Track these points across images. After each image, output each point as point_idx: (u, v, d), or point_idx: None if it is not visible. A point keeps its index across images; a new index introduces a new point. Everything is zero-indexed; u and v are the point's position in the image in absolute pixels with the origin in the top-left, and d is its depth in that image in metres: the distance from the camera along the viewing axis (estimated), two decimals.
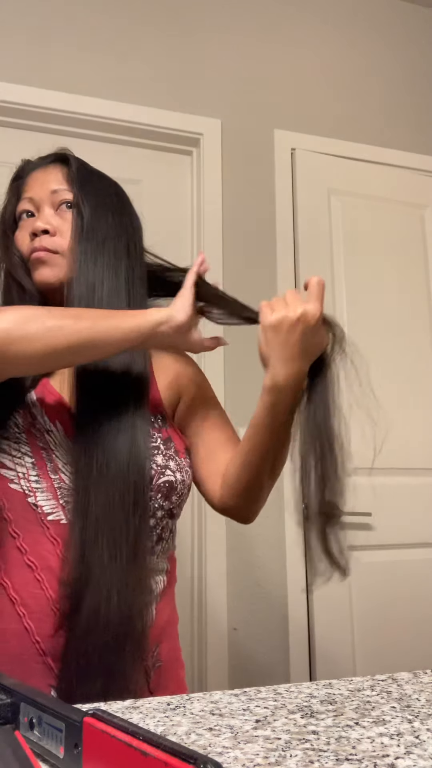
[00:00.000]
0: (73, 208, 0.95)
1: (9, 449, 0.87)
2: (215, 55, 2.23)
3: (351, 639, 1.93)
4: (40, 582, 0.85)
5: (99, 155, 2.21)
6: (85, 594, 0.80)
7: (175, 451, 0.94)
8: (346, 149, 2.31)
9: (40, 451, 0.88)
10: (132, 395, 0.90)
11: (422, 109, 2.49)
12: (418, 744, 0.49)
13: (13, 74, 1.99)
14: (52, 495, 0.87)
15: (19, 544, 0.86)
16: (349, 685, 0.66)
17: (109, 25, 2.12)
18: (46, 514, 0.86)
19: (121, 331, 0.83)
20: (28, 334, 0.79)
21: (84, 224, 0.93)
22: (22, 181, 1.01)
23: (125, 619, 0.81)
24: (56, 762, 0.46)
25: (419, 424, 2.16)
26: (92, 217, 0.94)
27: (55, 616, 0.83)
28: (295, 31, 2.35)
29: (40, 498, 0.87)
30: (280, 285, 2.10)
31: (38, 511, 0.86)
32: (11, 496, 0.87)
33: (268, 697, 0.62)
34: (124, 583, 0.81)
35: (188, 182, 2.19)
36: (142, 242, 1.00)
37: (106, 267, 0.93)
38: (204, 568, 1.88)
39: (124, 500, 0.84)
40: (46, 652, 0.83)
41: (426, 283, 2.30)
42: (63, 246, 0.93)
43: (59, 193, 0.96)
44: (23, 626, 0.84)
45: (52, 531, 0.86)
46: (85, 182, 0.97)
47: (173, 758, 0.37)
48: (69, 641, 0.81)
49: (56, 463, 0.88)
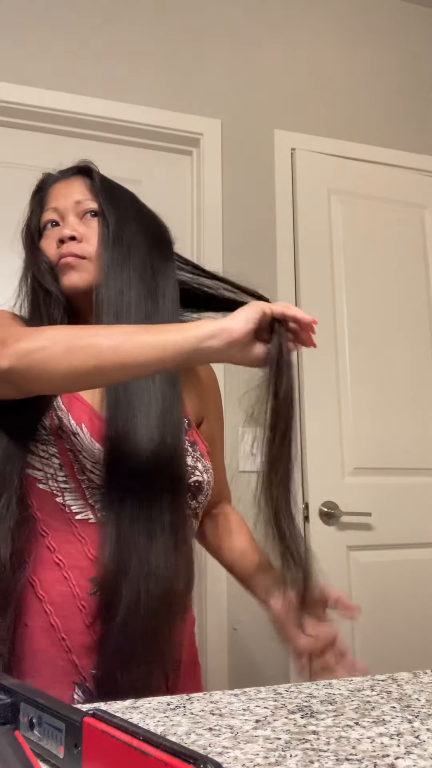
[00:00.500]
0: (98, 217, 0.98)
1: (37, 450, 0.89)
2: (215, 55, 2.23)
3: (351, 639, 1.92)
4: (68, 580, 0.86)
5: (99, 155, 2.21)
6: (122, 584, 0.81)
7: (201, 453, 0.97)
8: (346, 149, 2.31)
9: (67, 453, 0.89)
10: (164, 396, 0.91)
11: (422, 109, 2.49)
12: (418, 744, 0.49)
13: (13, 74, 1.99)
14: (81, 495, 0.88)
15: (48, 543, 0.88)
16: (349, 685, 0.66)
17: (109, 26, 2.12)
18: (74, 514, 0.88)
19: (155, 349, 0.79)
20: (53, 355, 0.78)
21: (110, 232, 0.96)
22: (44, 193, 1.04)
23: (164, 607, 0.83)
24: (56, 762, 0.46)
25: (419, 424, 2.16)
26: (117, 225, 0.97)
27: (82, 613, 0.84)
28: (295, 32, 2.35)
29: (69, 498, 0.88)
30: (280, 285, 2.10)
31: (66, 510, 0.88)
32: (40, 495, 0.88)
33: (268, 697, 0.62)
34: (161, 569, 0.83)
35: (188, 182, 2.19)
36: (169, 249, 1.02)
37: (132, 272, 0.95)
38: (204, 568, 1.88)
39: (160, 495, 0.86)
40: (72, 649, 0.85)
41: (426, 283, 2.30)
42: (90, 252, 0.96)
43: (83, 203, 0.99)
44: (50, 623, 0.85)
45: (80, 530, 0.88)
46: (108, 193, 1.01)
47: (173, 758, 0.37)
48: (109, 632, 0.82)
49: (84, 464, 0.89)
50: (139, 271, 0.95)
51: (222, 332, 0.78)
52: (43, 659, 0.84)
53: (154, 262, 0.98)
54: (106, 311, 0.91)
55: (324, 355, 2.08)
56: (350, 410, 2.08)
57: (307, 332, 0.85)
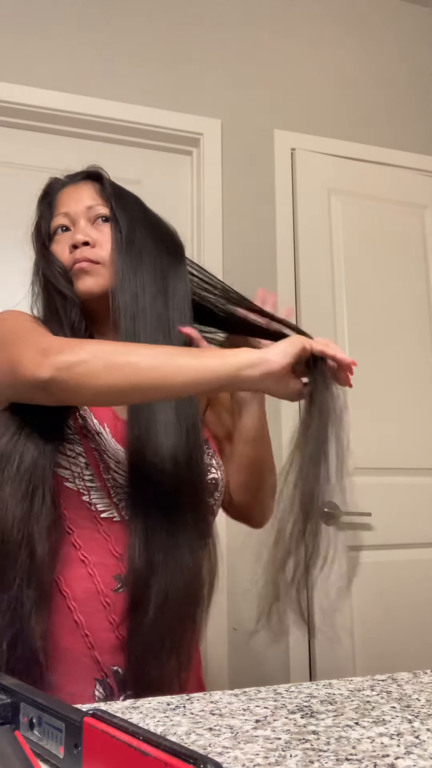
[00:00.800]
0: (111, 222, 0.99)
1: (64, 450, 0.90)
2: (215, 55, 2.23)
3: (351, 639, 1.93)
4: (92, 576, 0.88)
5: (99, 155, 2.21)
6: (151, 580, 0.83)
7: (213, 451, 1.00)
8: (346, 149, 2.31)
9: (93, 452, 0.91)
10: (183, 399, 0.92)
11: (422, 109, 2.49)
12: (418, 744, 0.49)
13: (12, 74, 1.99)
14: (106, 494, 0.90)
15: (74, 540, 0.89)
16: (349, 685, 0.66)
17: (109, 25, 2.12)
18: (99, 512, 0.90)
19: (194, 372, 0.80)
20: (93, 370, 0.80)
21: (123, 237, 0.97)
22: (53, 198, 1.05)
23: (191, 602, 0.86)
24: (56, 762, 0.46)
25: (419, 425, 2.16)
26: (128, 229, 0.98)
27: (106, 610, 0.86)
28: (296, 31, 2.35)
29: (94, 497, 0.90)
30: (280, 285, 2.10)
31: (92, 508, 0.89)
32: (67, 494, 0.89)
33: (268, 697, 0.62)
34: (187, 566, 0.86)
35: (188, 182, 2.19)
36: (179, 251, 1.03)
37: (146, 275, 0.96)
38: None
39: (182, 494, 0.89)
40: (95, 646, 0.86)
41: (426, 283, 2.29)
42: (104, 257, 0.97)
43: (94, 208, 1.00)
44: (73, 620, 0.86)
45: (105, 528, 0.89)
46: (118, 197, 1.02)
47: (173, 758, 0.37)
48: (138, 628, 0.84)
49: (108, 463, 0.91)
50: (152, 274, 0.97)
51: (261, 363, 0.80)
52: (65, 655, 0.85)
53: (164, 265, 0.99)
54: (123, 315, 0.93)
55: None
56: (350, 410, 2.08)
57: (344, 372, 0.86)
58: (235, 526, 1.12)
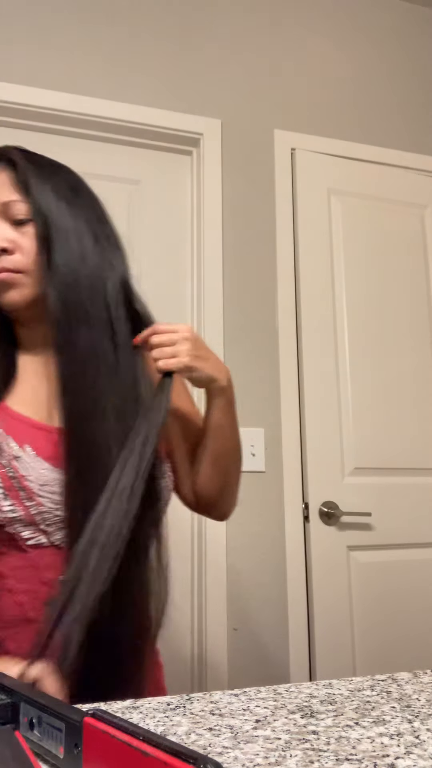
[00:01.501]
0: (32, 220, 0.87)
1: None
2: (215, 55, 2.23)
3: (351, 639, 1.93)
4: (21, 606, 0.83)
5: (99, 155, 2.22)
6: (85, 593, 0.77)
7: (166, 466, 0.92)
8: (346, 149, 2.31)
9: (9, 481, 0.82)
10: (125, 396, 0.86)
11: (422, 110, 2.49)
12: (418, 744, 0.49)
13: (13, 74, 1.99)
14: (30, 522, 0.83)
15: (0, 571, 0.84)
16: (349, 685, 0.66)
17: (110, 26, 2.12)
18: (24, 540, 0.83)
19: None
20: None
21: (48, 232, 0.86)
22: None
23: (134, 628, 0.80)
24: (56, 762, 0.46)
25: (419, 425, 2.16)
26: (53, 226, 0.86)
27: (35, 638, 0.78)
28: (295, 31, 2.35)
29: (18, 526, 0.83)
30: (280, 285, 2.10)
31: (16, 537, 0.83)
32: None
33: (268, 697, 0.62)
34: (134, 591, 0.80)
35: (188, 182, 2.19)
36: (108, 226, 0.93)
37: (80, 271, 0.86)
38: (204, 568, 1.88)
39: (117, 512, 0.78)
40: None
41: (426, 283, 2.30)
42: (25, 263, 0.86)
43: (11, 205, 0.87)
44: (5, 651, 0.82)
45: (32, 555, 0.83)
46: (37, 184, 0.88)
47: (173, 758, 0.37)
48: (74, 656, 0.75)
49: (31, 489, 0.82)
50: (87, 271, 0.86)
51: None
52: None
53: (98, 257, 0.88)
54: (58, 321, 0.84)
55: (324, 355, 2.08)
56: (350, 410, 2.08)
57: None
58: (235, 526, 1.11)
